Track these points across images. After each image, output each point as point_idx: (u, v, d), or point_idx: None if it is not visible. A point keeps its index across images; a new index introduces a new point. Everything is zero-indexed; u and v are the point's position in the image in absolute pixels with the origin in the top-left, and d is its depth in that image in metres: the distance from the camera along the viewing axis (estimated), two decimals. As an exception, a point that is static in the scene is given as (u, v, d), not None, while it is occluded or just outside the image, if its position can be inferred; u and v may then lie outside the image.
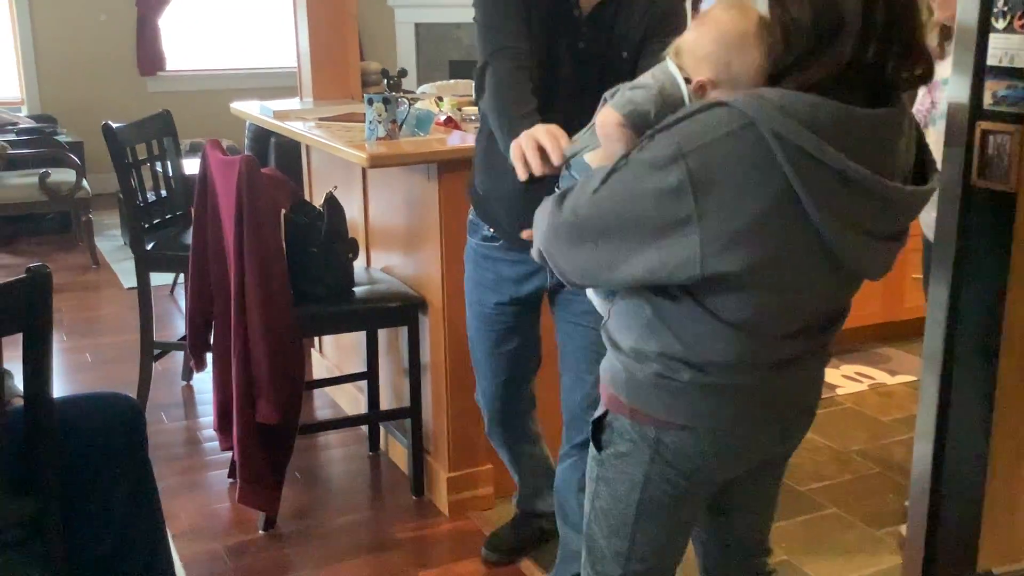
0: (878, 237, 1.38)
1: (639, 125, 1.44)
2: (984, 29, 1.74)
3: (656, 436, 1.51)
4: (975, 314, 1.86)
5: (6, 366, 1.80)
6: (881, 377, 3.89)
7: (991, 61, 1.74)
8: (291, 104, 3.61)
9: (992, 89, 1.74)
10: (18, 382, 1.95)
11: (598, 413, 1.59)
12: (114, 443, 1.98)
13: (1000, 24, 1.71)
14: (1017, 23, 1.68)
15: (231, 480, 3.12)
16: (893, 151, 1.36)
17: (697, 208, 1.29)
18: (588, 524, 1.65)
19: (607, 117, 1.47)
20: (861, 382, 3.85)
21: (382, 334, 3.21)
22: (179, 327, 4.52)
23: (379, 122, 2.76)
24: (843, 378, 3.86)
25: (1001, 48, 1.72)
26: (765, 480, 1.72)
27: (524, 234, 1.58)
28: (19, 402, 1.90)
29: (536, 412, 2.56)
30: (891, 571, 2.59)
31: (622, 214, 1.35)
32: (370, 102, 2.78)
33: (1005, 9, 1.70)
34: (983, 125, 1.76)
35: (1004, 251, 1.76)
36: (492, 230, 2.28)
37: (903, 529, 2.43)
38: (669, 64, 1.47)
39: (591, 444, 1.61)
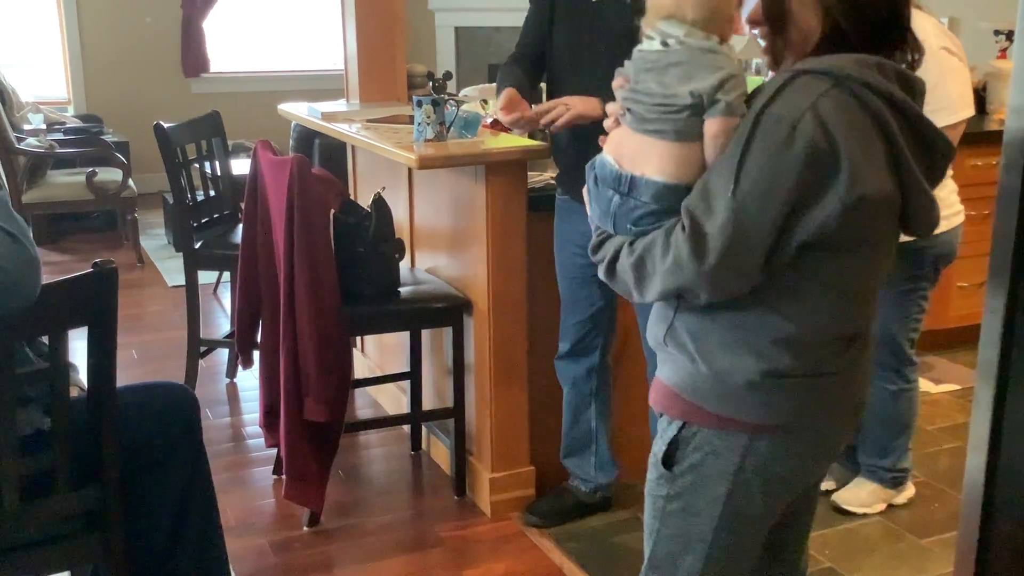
0: (931, 183, 1.47)
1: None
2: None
3: (748, 443, 1.49)
4: (1033, 322, 1.84)
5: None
6: (926, 386, 3.85)
7: (1053, 67, 1.72)
8: (338, 106, 3.64)
9: (1054, 95, 1.72)
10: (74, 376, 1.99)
11: (672, 431, 1.54)
12: (172, 431, 2.01)
13: (1063, 30, 1.69)
14: (1082, 28, 1.66)
15: (276, 476, 3.15)
16: (921, 109, 1.46)
17: (833, 160, 1.34)
18: (656, 543, 1.61)
19: (730, 125, 1.41)
20: (905, 391, 3.81)
21: (425, 334, 3.23)
22: (222, 325, 4.57)
23: (427, 124, 2.78)
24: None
25: (1064, 54, 1.70)
26: (816, 487, 1.73)
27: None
28: (77, 393, 1.94)
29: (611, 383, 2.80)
30: (938, 581, 2.57)
31: (768, 200, 1.35)
32: (419, 104, 2.80)
33: (1069, 15, 1.68)
34: (1044, 131, 1.74)
35: (1064, 259, 1.73)
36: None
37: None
38: (705, 42, 1.45)
39: (659, 464, 1.56)
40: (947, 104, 2.48)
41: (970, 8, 4.61)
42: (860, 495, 2.90)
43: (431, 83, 3.91)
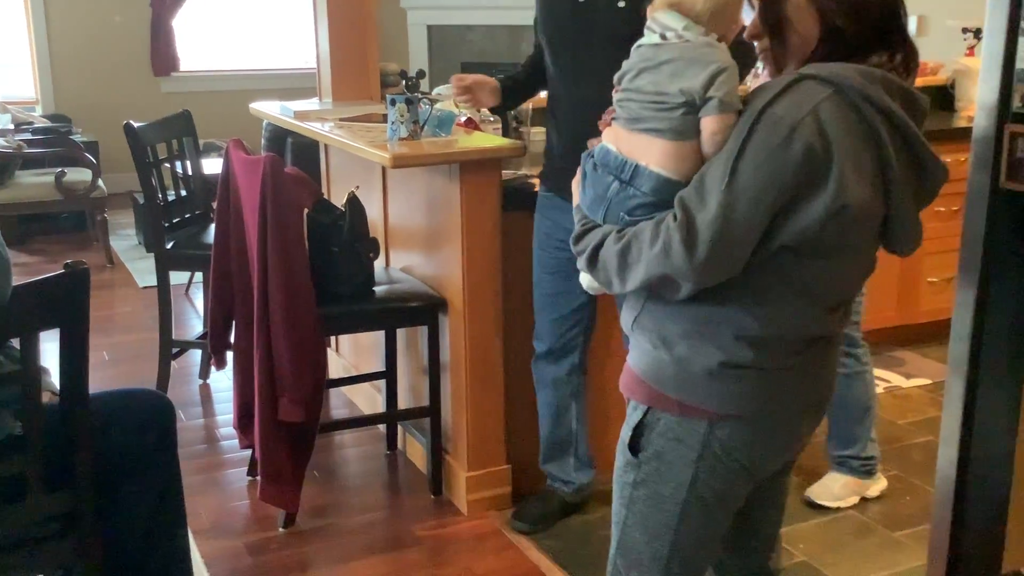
0: (918, 206, 1.49)
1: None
2: (1013, 31, 1.75)
3: (708, 430, 1.52)
4: (1002, 316, 1.87)
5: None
6: (897, 380, 3.89)
7: (1020, 64, 1.74)
8: (311, 104, 3.62)
9: (1021, 92, 1.74)
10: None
11: (637, 416, 1.58)
12: (147, 439, 1.99)
13: (1030, 28, 1.72)
14: (1048, 27, 1.69)
15: (250, 478, 3.13)
16: (921, 128, 1.47)
17: (825, 166, 1.36)
18: (623, 531, 1.64)
19: (727, 121, 1.42)
20: (877, 385, 3.83)
21: (400, 333, 3.22)
22: (194, 326, 4.54)
23: (401, 123, 2.77)
24: (858, 381, 3.85)
25: (1031, 51, 1.72)
26: (784, 476, 1.75)
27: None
28: (50, 398, 1.91)
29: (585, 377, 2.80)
30: (910, 573, 2.59)
31: (761, 197, 1.37)
32: (392, 103, 2.80)
33: (1035, 13, 1.71)
34: (1012, 128, 1.76)
35: (1032, 254, 1.76)
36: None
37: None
38: (702, 38, 1.45)
39: (626, 450, 1.60)
40: None
41: (938, 6, 4.66)
42: (832, 489, 2.93)
43: (404, 81, 3.89)
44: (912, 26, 4.66)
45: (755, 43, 1.52)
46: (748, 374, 1.49)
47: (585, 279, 1.62)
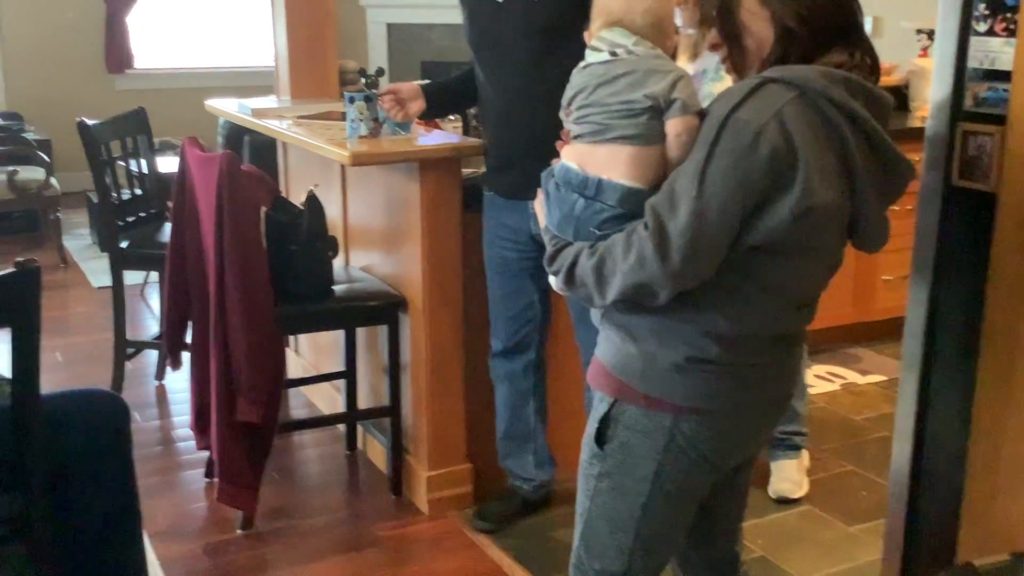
0: (885, 203, 1.51)
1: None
2: (965, 32, 1.78)
3: (673, 423, 1.53)
4: (955, 313, 1.90)
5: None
6: (852, 377, 3.94)
7: (972, 64, 1.78)
8: (268, 102, 3.59)
9: (973, 91, 1.78)
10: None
11: (603, 408, 1.59)
12: (100, 442, 1.96)
13: (981, 27, 1.75)
14: (998, 26, 1.72)
15: (207, 479, 3.09)
16: (886, 127, 1.48)
17: (791, 168, 1.37)
18: (588, 522, 1.65)
19: (691, 123, 1.45)
20: (833, 382, 3.90)
21: (360, 333, 3.20)
22: (150, 326, 4.48)
23: (361, 120, 2.75)
24: (815, 378, 3.90)
25: (982, 51, 1.76)
26: (746, 470, 1.77)
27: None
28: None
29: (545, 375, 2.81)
30: (867, 566, 2.62)
31: (731, 201, 1.38)
32: (351, 100, 2.78)
33: (986, 13, 1.74)
34: (964, 126, 1.80)
35: (984, 251, 1.80)
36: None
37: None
38: (652, 50, 1.50)
39: (592, 442, 1.61)
40: None
41: (893, 8, 4.72)
42: (792, 476, 2.96)
43: (363, 80, 3.86)
44: (868, 27, 4.72)
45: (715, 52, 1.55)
46: (714, 370, 1.51)
47: (555, 281, 1.63)
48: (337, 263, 3.00)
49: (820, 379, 3.91)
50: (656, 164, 1.48)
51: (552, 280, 1.59)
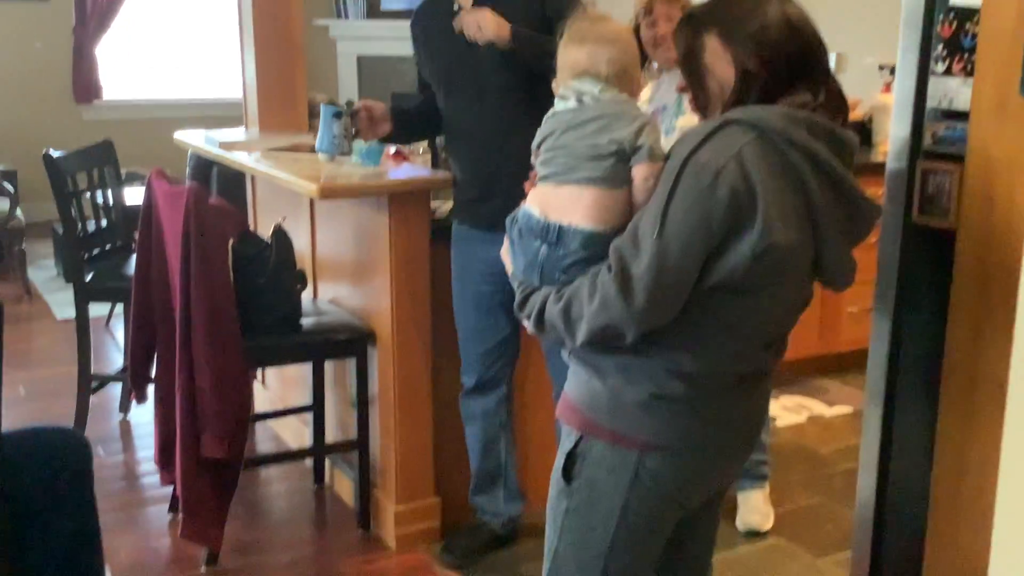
0: (849, 242, 1.53)
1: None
2: (924, 72, 1.82)
3: (638, 459, 1.53)
4: (917, 347, 1.92)
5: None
6: (819, 408, 3.97)
7: (931, 103, 1.81)
8: (237, 134, 3.59)
9: (932, 130, 1.81)
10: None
11: (570, 443, 1.59)
12: (60, 481, 1.92)
13: (939, 68, 1.79)
14: (956, 67, 1.76)
15: (172, 515, 3.05)
16: (851, 168, 1.50)
17: (750, 208, 1.38)
18: (555, 558, 1.64)
19: (658, 168, 1.48)
20: (800, 413, 3.92)
21: (328, 366, 3.18)
22: (115, 359, 4.42)
23: (344, 137, 2.69)
24: (782, 409, 3.93)
25: (940, 91, 1.79)
26: (715, 507, 1.77)
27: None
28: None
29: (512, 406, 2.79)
30: (834, 599, 2.63)
31: (692, 242, 1.40)
32: (337, 115, 2.67)
33: (944, 54, 1.78)
34: (923, 165, 1.83)
35: (944, 286, 1.82)
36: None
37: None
38: (619, 96, 1.54)
39: (559, 478, 1.61)
40: None
41: (857, 44, 4.81)
42: (759, 507, 2.97)
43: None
44: (832, 63, 4.81)
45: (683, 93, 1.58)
46: (679, 407, 1.51)
47: (527, 325, 1.64)
48: (305, 296, 2.99)
49: (787, 410, 3.93)
50: (619, 208, 1.50)
51: (525, 323, 1.60)
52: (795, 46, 1.48)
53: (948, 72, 1.77)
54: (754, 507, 2.97)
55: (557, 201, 1.52)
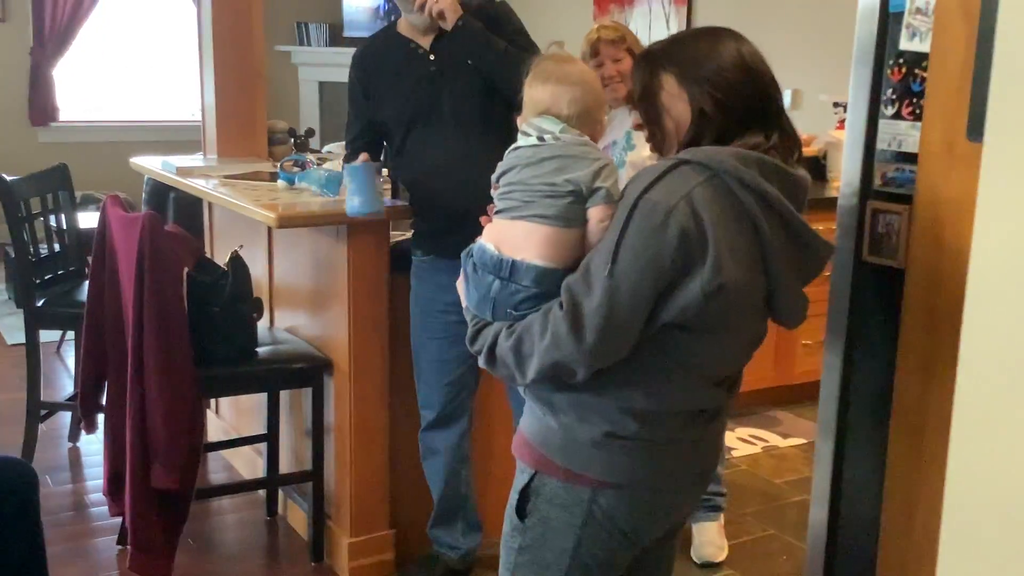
0: (802, 281, 1.55)
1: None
2: (874, 115, 1.86)
3: (591, 497, 1.53)
4: (867, 383, 1.95)
5: None
6: (774, 440, 4.01)
7: (880, 145, 1.85)
8: (195, 160, 3.56)
9: (882, 171, 1.85)
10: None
11: (524, 480, 1.59)
12: (5, 510, 1.88)
13: (889, 111, 1.83)
14: (905, 110, 1.80)
15: (120, 547, 2.99)
16: (803, 207, 1.52)
17: (701, 248, 1.40)
18: None
19: (611, 210, 1.48)
20: (755, 444, 3.95)
21: (283, 395, 3.16)
22: (66, 386, 4.35)
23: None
24: (738, 440, 3.96)
25: (889, 133, 1.83)
26: (670, 542, 1.77)
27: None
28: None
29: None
30: (787, 633, 2.65)
31: (642, 280, 1.41)
32: (377, 171, 2.53)
33: (893, 97, 1.82)
34: (873, 205, 1.87)
35: (894, 324, 1.85)
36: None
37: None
38: (578, 137, 1.55)
39: (513, 515, 1.60)
40: None
41: (812, 81, 4.91)
42: (713, 539, 2.98)
43: (292, 140, 3.87)
44: (787, 99, 4.89)
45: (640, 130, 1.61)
46: (632, 445, 1.52)
47: (480, 359, 1.64)
48: (262, 324, 2.97)
49: (742, 441, 3.96)
50: (571, 247, 1.51)
51: (478, 358, 1.60)
52: (751, 88, 1.50)
53: (897, 115, 1.81)
54: (709, 539, 2.98)
55: (511, 236, 1.52)
